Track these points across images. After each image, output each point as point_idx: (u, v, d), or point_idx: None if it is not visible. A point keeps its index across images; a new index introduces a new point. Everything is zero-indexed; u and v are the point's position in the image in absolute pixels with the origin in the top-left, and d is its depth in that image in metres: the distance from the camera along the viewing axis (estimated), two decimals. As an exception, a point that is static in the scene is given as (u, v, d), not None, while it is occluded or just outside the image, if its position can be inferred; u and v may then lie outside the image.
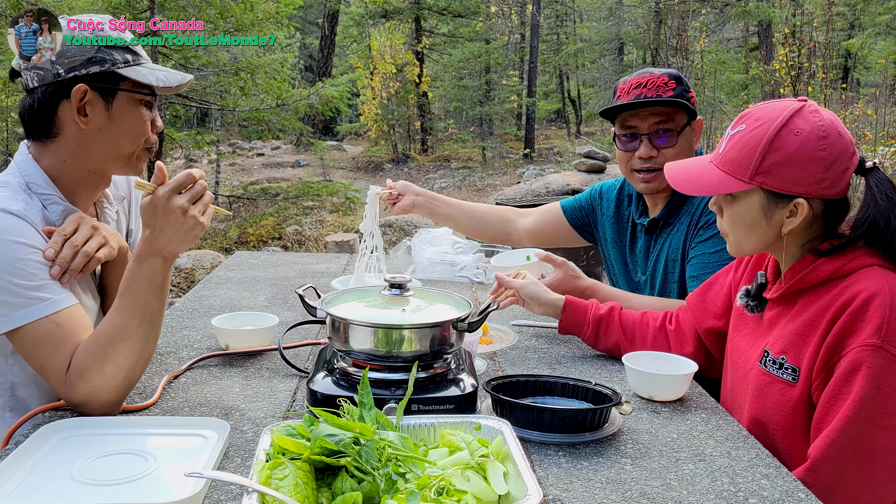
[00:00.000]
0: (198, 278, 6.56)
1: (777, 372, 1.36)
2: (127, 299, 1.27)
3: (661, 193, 1.98)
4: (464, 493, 0.94)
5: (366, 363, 1.29)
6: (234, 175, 14.74)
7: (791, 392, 1.34)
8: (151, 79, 1.42)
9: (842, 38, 15.01)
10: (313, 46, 25.04)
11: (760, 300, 1.46)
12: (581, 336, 1.72)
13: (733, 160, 1.35)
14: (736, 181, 1.34)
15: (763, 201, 1.34)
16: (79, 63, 1.36)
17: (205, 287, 2.31)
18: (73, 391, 1.25)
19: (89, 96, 1.38)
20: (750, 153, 1.32)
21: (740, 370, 1.49)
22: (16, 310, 1.26)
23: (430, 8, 18.38)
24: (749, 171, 1.32)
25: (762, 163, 1.30)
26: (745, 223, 1.38)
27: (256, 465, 0.96)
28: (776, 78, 9.03)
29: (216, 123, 16.14)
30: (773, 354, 1.38)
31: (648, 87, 1.89)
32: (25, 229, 1.31)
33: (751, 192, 1.35)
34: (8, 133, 9.31)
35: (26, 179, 1.40)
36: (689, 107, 1.90)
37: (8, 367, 1.41)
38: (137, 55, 1.43)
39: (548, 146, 18.32)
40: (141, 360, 1.30)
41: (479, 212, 2.38)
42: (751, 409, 1.42)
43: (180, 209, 1.23)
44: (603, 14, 22.02)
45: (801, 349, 1.33)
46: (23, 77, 1.39)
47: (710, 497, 1.08)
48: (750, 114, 1.37)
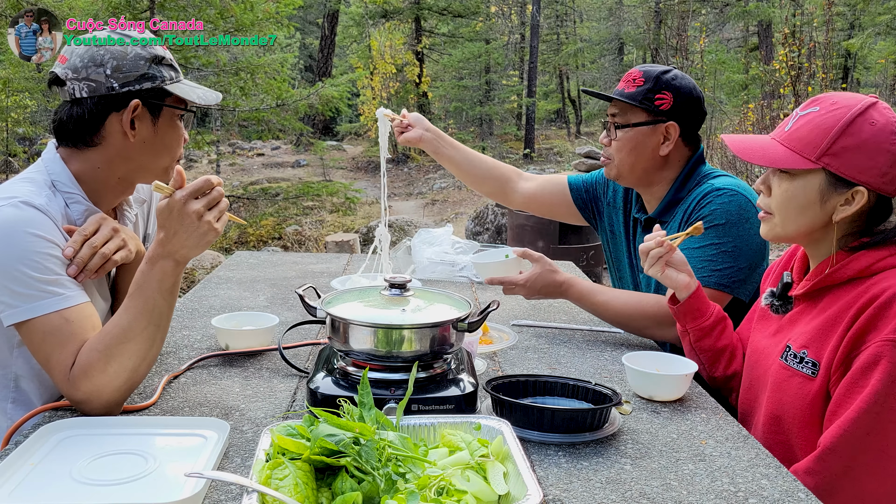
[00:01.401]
0: (198, 278, 6.56)
1: (797, 366, 1.37)
2: (136, 300, 1.27)
3: (654, 190, 1.99)
4: (464, 493, 0.94)
5: (366, 363, 1.29)
6: (234, 175, 14.75)
7: (810, 386, 1.34)
8: (193, 96, 1.48)
9: (842, 38, 14.99)
10: (313, 46, 25.02)
11: (786, 300, 1.47)
12: (696, 324, 1.59)
13: (802, 139, 1.34)
14: (802, 158, 1.33)
15: (823, 184, 1.33)
16: (133, 79, 1.41)
17: (205, 287, 2.31)
18: (76, 388, 1.26)
19: (139, 111, 1.43)
20: (822, 134, 1.32)
21: (760, 368, 1.50)
22: (27, 301, 1.27)
23: (430, 8, 18.38)
24: (818, 151, 1.32)
25: (833, 145, 1.30)
26: (798, 204, 1.37)
27: (256, 465, 0.96)
28: (776, 78, 9.03)
29: (216, 123, 16.14)
30: (794, 349, 1.39)
31: (625, 80, 1.95)
32: (45, 224, 1.32)
33: (812, 173, 1.34)
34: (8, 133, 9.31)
35: (52, 177, 1.42)
36: (641, 106, 1.90)
37: (13, 359, 1.42)
38: (178, 72, 1.50)
39: (548, 146, 18.32)
40: (145, 362, 1.30)
41: (482, 163, 2.34)
42: (768, 403, 1.43)
43: (196, 213, 1.25)
44: (603, 14, 22.03)
45: (823, 344, 1.33)
46: (68, 86, 1.41)
47: (710, 497, 1.08)
48: (825, 98, 1.37)
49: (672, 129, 1.92)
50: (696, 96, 1.95)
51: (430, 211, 12.40)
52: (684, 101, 1.91)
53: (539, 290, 1.88)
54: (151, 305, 1.28)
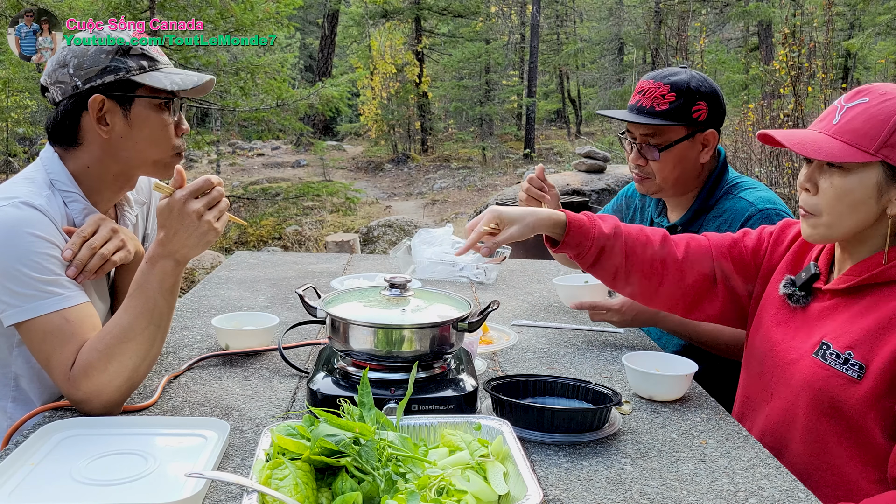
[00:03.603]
0: (198, 278, 6.56)
1: (841, 367, 1.30)
2: (136, 299, 1.27)
3: (681, 198, 1.97)
4: (464, 493, 0.94)
5: (366, 363, 1.29)
6: (234, 175, 14.75)
7: (854, 389, 1.28)
8: (167, 83, 1.43)
9: (842, 38, 15.00)
10: (313, 46, 25.03)
11: (808, 291, 1.41)
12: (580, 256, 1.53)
13: (856, 130, 1.26)
14: (859, 152, 1.25)
15: (882, 177, 1.26)
16: (94, 74, 1.38)
17: (205, 287, 2.31)
18: (76, 388, 1.26)
19: (108, 105, 1.40)
20: (880, 125, 1.25)
21: (778, 359, 1.43)
22: (27, 301, 1.27)
23: (430, 8, 18.39)
24: (877, 143, 1.24)
25: (893, 136, 1.24)
26: (853, 200, 1.29)
27: (256, 465, 0.96)
28: (776, 78, 9.02)
29: (216, 123, 16.15)
30: (836, 348, 1.32)
31: (647, 96, 1.88)
32: (45, 224, 1.32)
33: (869, 166, 1.26)
34: (8, 133, 9.31)
35: (51, 176, 1.43)
36: (679, 123, 1.85)
37: (12, 359, 1.42)
38: (154, 60, 1.45)
39: (548, 146, 18.32)
40: (145, 362, 1.30)
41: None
42: (798, 398, 1.36)
43: (196, 213, 1.25)
44: (603, 14, 22.04)
45: (874, 347, 1.27)
46: (50, 92, 1.42)
47: (710, 497, 1.08)
48: (871, 89, 1.31)
49: (711, 137, 1.90)
50: (720, 95, 1.91)
51: (430, 211, 12.41)
52: (715, 105, 1.89)
53: (634, 316, 1.82)
54: (152, 305, 1.28)
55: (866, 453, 1.28)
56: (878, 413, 1.26)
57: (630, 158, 1.96)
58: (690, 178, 1.93)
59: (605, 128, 18.98)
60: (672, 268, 1.55)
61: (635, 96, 1.91)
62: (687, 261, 1.56)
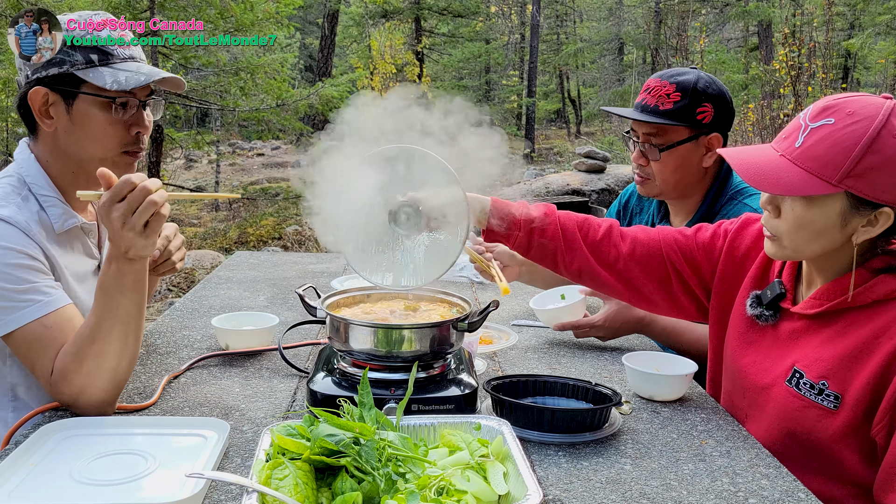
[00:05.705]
0: (198, 278, 6.56)
1: (815, 397, 1.26)
2: (99, 301, 1.25)
3: (684, 202, 1.96)
4: (464, 493, 0.94)
5: (366, 363, 1.29)
6: (234, 175, 14.74)
7: (831, 420, 1.25)
8: (109, 81, 1.36)
9: (842, 38, 15.00)
10: (313, 46, 25.02)
11: (775, 309, 1.38)
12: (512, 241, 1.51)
13: (819, 158, 1.19)
14: (821, 183, 1.18)
15: (845, 207, 1.20)
16: (40, 65, 1.35)
17: (205, 287, 2.31)
18: (59, 392, 1.26)
19: (52, 98, 1.37)
20: (844, 153, 1.17)
21: (749, 385, 1.41)
22: (7, 314, 1.27)
23: (430, 8, 18.39)
24: (840, 173, 1.17)
25: (857, 165, 1.16)
26: (815, 229, 1.23)
27: (256, 465, 0.96)
28: (776, 78, 9.03)
29: (216, 123, 16.14)
30: (809, 377, 1.28)
31: (652, 94, 1.86)
32: (13, 234, 1.31)
33: (833, 197, 1.20)
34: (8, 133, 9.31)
35: (27, 179, 1.41)
36: (683, 124, 1.83)
37: (7, 369, 1.42)
38: (108, 55, 1.38)
39: (548, 146, 18.32)
40: (124, 360, 1.28)
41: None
42: (772, 426, 1.34)
43: (118, 221, 1.18)
44: (603, 14, 22.05)
45: (847, 376, 1.24)
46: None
47: (710, 497, 1.08)
48: (838, 107, 1.21)
49: (715, 141, 1.87)
50: (728, 98, 1.88)
51: (430, 211, 12.38)
52: (722, 108, 1.86)
53: (618, 328, 1.79)
54: (115, 304, 1.24)
55: (844, 480, 1.26)
56: (856, 441, 1.24)
57: (633, 157, 1.95)
58: (692, 181, 1.91)
59: (605, 128, 18.99)
60: (616, 254, 1.51)
61: (642, 94, 1.90)
62: (633, 254, 1.51)
